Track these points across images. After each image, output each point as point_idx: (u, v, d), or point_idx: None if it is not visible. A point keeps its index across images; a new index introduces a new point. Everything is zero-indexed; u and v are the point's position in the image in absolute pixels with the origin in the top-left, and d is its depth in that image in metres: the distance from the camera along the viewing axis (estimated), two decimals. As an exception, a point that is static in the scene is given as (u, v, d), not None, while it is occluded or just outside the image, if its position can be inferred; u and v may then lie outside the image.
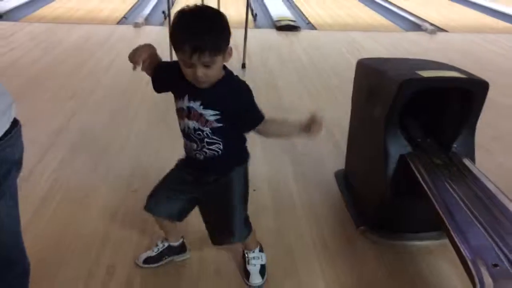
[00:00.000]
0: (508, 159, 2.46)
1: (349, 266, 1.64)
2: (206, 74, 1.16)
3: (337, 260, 1.66)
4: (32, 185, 2.04)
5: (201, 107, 1.24)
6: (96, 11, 5.74)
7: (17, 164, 0.98)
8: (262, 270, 1.57)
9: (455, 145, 1.66)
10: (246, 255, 1.58)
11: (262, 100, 2.91)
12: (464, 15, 6.40)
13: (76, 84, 3.20)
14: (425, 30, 5.14)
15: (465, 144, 1.66)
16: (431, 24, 5.37)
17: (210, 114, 1.25)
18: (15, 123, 0.95)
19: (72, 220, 1.82)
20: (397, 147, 1.64)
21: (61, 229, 1.76)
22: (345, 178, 2.13)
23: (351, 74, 1.98)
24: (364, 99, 1.90)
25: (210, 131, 1.28)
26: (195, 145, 1.32)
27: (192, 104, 1.25)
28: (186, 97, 1.25)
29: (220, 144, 1.31)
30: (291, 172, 2.25)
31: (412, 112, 1.72)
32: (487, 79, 1.58)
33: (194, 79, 1.18)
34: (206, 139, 1.30)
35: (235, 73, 1.29)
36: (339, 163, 2.23)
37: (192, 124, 1.28)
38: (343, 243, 1.77)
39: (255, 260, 1.57)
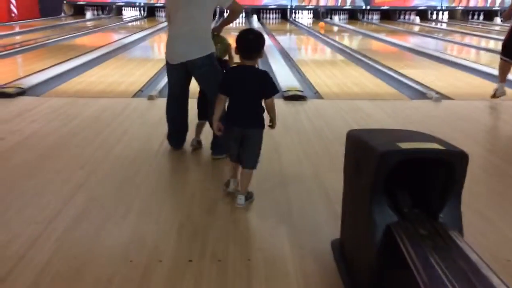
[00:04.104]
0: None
1: None
2: None
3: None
4: (34, 253, 2.11)
5: None
6: (115, 84, 6.09)
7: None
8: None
9: (441, 215, 1.68)
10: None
11: (263, 164, 3.02)
12: (476, 85, 6.52)
13: (88, 154, 3.36)
14: (430, 98, 5.26)
15: (452, 214, 1.68)
16: (437, 92, 5.50)
17: None
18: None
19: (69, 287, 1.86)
20: (383, 217, 1.67)
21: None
22: (340, 247, 2.13)
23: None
24: (352, 169, 1.96)
25: None
26: None
27: None
28: None
29: None
30: (286, 240, 2.27)
31: (400, 180, 1.77)
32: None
33: None
34: None
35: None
36: (337, 231, 2.24)
37: None
38: (335, 315, 1.75)
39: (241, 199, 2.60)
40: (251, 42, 2.52)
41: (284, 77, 6.41)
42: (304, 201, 2.69)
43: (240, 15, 3.48)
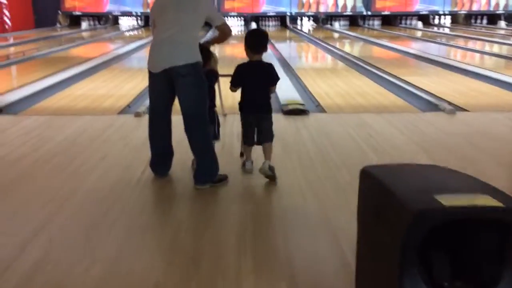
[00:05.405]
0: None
1: None
2: None
3: None
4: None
5: None
6: (102, 99, 5.67)
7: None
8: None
9: (497, 293, 1.23)
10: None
11: (258, 196, 2.55)
12: (485, 92, 6.09)
13: (56, 187, 2.91)
14: (443, 110, 4.82)
15: (512, 291, 1.23)
16: (449, 103, 5.05)
17: None
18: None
19: None
20: (418, 298, 1.22)
21: None
22: (355, 316, 1.68)
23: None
24: (372, 219, 1.52)
25: None
26: None
27: None
28: None
29: None
30: (288, 305, 1.81)
31: (436, 242, 1.32)
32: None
33: None
34: None
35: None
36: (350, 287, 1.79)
37: None
38: None
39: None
40: (258, 39, 2.97)
41: (283, 89, 5.95)
42: (308, 248, 2.23)
43: (230, 36, 3.17)
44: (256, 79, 2.95)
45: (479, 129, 4.19)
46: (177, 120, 2.98)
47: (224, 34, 3.05)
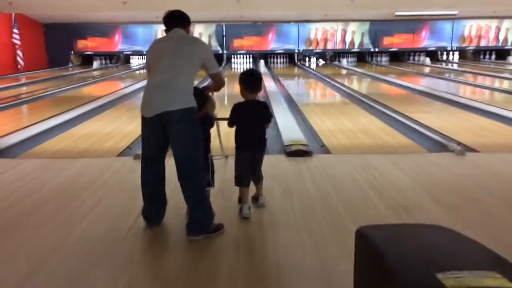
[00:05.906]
0: None
1: None
2: None
3: None
4: None
5: None
6: (104, 139, 5.62)
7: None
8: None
9: None
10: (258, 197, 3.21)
11: (253, 247, 2.37)
12: (495, 131, 5.92)
13: (42, 238, 2.76)
14: (452, 150, 4.65)
15: None
16: (459, 143, 4.89)
17: None
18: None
19: None
20: None
21: None
22: None
23: (368, 214, 1.49)
24: (366, 285, 1.36)
25: None
26: None
27: None
28: None
29: None
30: None
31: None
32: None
33: None
34: None
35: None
36: None
37: None
38: None
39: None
40: (253, 79, 3.08)
41: (288, 128, 5.87)
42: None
43: (224, 86, 3.14)
44: (252, 117, 3.06)
45: (489, 171, 4.01)
46: (172, 164, 2.87)
47: (216, 83, 2.98)
